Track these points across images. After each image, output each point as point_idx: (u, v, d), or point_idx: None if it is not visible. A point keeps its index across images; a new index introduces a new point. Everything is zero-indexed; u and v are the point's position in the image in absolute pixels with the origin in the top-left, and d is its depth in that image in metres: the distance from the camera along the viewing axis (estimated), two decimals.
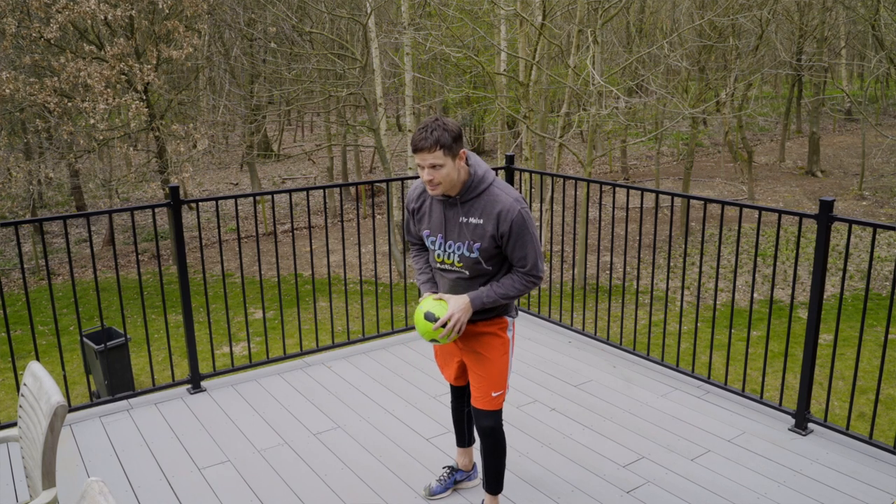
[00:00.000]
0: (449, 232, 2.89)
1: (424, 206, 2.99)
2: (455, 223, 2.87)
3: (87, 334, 8.62)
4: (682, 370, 4.70)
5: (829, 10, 23.02)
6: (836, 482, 3.51)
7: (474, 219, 2.83)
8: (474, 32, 15.34)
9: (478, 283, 2.92)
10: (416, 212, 3.02)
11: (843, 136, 31.90)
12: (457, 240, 2.87)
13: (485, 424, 3.06)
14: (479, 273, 2.91)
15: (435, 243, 2.94)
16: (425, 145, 2.72)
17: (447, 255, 2.92)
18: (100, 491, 1.80)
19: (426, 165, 2.75)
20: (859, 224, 3.70)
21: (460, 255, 2.88)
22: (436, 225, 2.93)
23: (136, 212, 7.50)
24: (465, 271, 2.90)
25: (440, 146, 2.72)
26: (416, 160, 2.78)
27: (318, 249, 17.76)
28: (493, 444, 3.11)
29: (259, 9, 18.19)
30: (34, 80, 13.74)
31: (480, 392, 3.03)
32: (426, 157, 2.73)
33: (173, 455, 3.82)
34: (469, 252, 2.86)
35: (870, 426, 3.92)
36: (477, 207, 2.84)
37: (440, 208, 2.91)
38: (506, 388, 3.08)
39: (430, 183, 2.78)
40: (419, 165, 2.78)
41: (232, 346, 6.33)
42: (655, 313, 13.21)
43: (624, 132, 22.86)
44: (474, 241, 2.84)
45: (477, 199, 2.84)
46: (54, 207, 22.68)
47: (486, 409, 3.04)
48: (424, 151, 2.73)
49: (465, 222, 2.85)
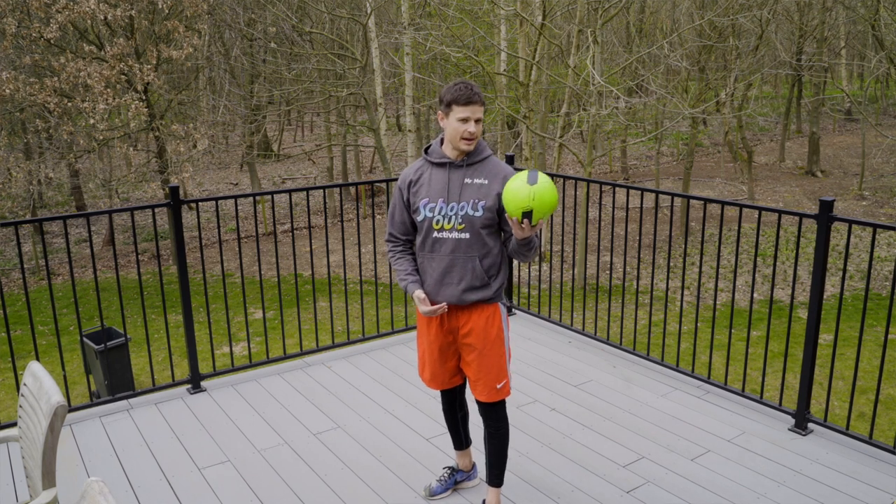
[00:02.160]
0: (451, 194, 2.96)
1: (423, 177, 3.04)
2: (459, 184, 2.96)
3: (87, 334, 8.61)
4: (682, 370, 4.69)
5: (829, 10, 23.02)
6: (836, 482, 3.51)
7: (479, 179, 2.96)
8: (474, 32, 15.34)
9: (475, 250, 2.96)
10: (413, 184, 3.04)
11: (843, 136, 31.90)
12: (460, 200, 2.94)
13: (490, 412, 3.12)
14: (478, 239, 2.95)
15: (434, 209, 2.97)
16: (479, 99, 2.87)
17: (447, 219, 2.95)
18: (100, 491, 1.80)
19: (473, 118, 2.88)
20: (859, 224, 3.70)
21: (464, 216, 2.93)
22: (437, 190, 2.98)
23: (136, 212, 7.50)
24: (466, 234, 2.94)
25: (482, 103, 2.90)
26: (464, 113, 2.87)
27: (318, 249, 17.76)
28: (496, 427, 3.15)
29: (259, 9, 18.19)
30: (34, 80, 13.73)
31: (485, 386, 3.06)
32: (477, 110, 2.87)
33: (173, 455, 3.82)
34: (474, 211, 2.93)
35: (870, 426, 3.92)
36: (481, 170, 2.98)
37: (442, 174, 2.99)
38: (508, 377, 3.12)
39: (472, 136, 2.89)
40: (463, 119, 2.87)
41: (232, 346, 6.33)
42: (655, 313, 13.21)
43: (624, 132, 22.86)
44: (479, 199, 2.93)
45: (481, 163, 3.00)
46: (54, 207, 22.68)
47: (493, 400, 3.09)
48: (476, 104, 2.87)
49: (469, 183, 2.96)
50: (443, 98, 2.92)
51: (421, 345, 3.24)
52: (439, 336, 3.11)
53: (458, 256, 2.96)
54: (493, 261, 3.01)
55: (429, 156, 3.06)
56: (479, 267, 2.97)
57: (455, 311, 3.06)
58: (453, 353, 3.15)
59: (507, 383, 3.10)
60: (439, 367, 3.17)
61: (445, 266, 2.99)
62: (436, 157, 3.03)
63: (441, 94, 2.94)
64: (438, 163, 3.01)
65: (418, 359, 3.28)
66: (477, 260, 2.96)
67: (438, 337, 3.12)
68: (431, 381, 3.23)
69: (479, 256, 2.96)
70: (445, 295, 3.01)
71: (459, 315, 3.05)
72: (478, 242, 2.95)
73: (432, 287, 3.04)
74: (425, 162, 3.07)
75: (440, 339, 3.12)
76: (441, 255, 2.99)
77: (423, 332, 3.20)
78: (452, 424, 3.41)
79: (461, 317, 3.05)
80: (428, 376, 3.23)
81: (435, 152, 3.04)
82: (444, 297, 3.02)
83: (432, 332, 3.12)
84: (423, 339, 3.21)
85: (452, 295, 3.00)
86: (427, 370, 3.22)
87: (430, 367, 3.20)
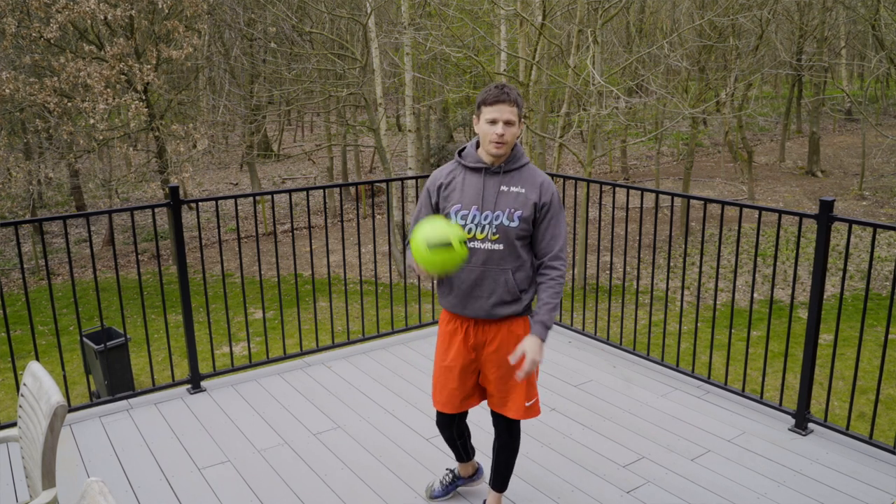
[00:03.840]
0: (486, 202, 2.78)
1: (455, 181, 2.86)
2: (494, 192, 2.79)
3: (86, 334, 8.61)
4: (682, 370, 4.69)
5: (829, 10, 23.02)
6: (836, 482, 3.51)
7: (516, 188, 2.79)
8: (474, 32, 15.33)
9: (509, 262, 2.79)
10: (444, 188, 2.87)
11: (843, 136, 31.90)
12: (495, 209, 2.77)
13: (509, 427, 3.02)
14: (512, 251, 2.79)
15: (467, 217, 2.79)
16: (507, 98, 2.70)
17: (480, 229, 2.77)
18: (100, 491, 1.80)
19: (502, 120, 2.71)
20: (859, 224, 3.70)
21: (498, 225, 2.77)
22: (470, 197, 2.80)
23: (135, 212, 7.49)
24: (500, 244, 2.77)
25: (517, 104, 2.73)
26: (492, 114, 2.71)
27: (318, 249, 17.76)
28: (509, 442, 3.07)
29: (259, 9, 18.19)
30: (34, 80, 13.73)
31: (514, 404, 2.92)
32: (505, 110, 2.70)
33: (173, 455, 3.82)
34: (509, 221, 2.77)
35: (870, 426, 3.92)
36: (518, 179, 2.81)
37: (477, 180, 2.82)
38: (538, 395, 3.01)
39: (501, 139, 2.72)
40: (492, 120, 2.72)
41: (232, 346, 6.33)
42: (655, 313, 13.21)
43: (624, 132, 22.86)
44: (516, 208, 2.77)
45: (518, 171, 2.83)
46: (54, 207, 22.67)
47: (525, 418, 2.96)
48: (505, 104, 2.70)
49: (506, 191, 2.79)
50: (476, 100, 2.80)
51: (439, 364, 3.00)
52: (462, 353, 2.92)
53: (489, 268, 2.78)
54: (526, 274, 2.83)
55: (462, 159, 2.88)
56: (511, 280, 2.79)
57: (483, 326, 2.88)
58: (473, 371, 2.96)
59: (538, 401, 2.98)
60: (457, 387, 2.96)
61: (476, 278, 2.81)
62: (470, 160, 2.85)
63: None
64: (473, 167, 2.84)
65: (433, 380, 3.06)
66: (510, 273, 2.79)
67: (461, 354, 2.92)
68: (447, 405, 3.01)
69: (512, 269, 2.79)
70: (474, 309, 2.83)
71: (487, 329, 2.88)
72: (511, 254, 2.78)
73: (460, 299, 2.85)
74: (458, 165, 2.89)
75: (463, 356, 2.92)
76: (471, 266, 2.80)
77: (443, 349, 2.98)
78: (452, 444, 3.25)
79: (489, 331, 2.88)
80: (444, 399, 3.00)
81: (469, 156, 2.86)
82: (472, 310, 2.84)
83: (455, 349, 2.93)
84: (442, 356, 2.98)
85: (482, 308, 2.82)
86: (444, 392, 2.99)
87: (447, 388, 2.97)
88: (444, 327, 2.98)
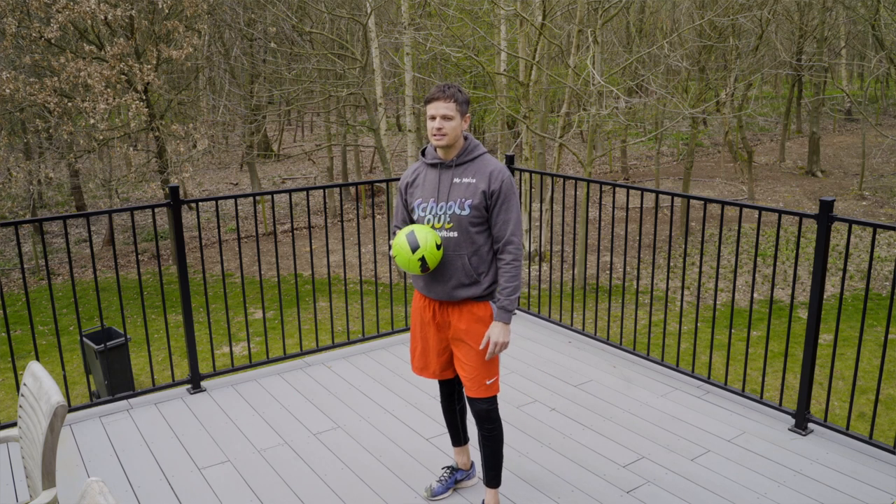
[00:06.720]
0: (441, 194, 3.06)
1: (419, 178, 3.16)
2: (448, 184, 3.07)
3: (87, 334, 8.61)
4: (681, 370, 4.69)
5: (829, 10, 23.02)
6: (836, 482, 3.51)
7: (468, 178, 3.05)
8: (474, 32, 15.33)
9: (464, 248, 3.02)
10: (411, 185, 3.18)
11: (843, 136, 31.90)
12: (448, 199, 3.04)
13: (481, 408, 3.16)
14: (466, 238, 3.03)
15: (426, 209, 3.08)
16: (441, 95, 2.98)
17: (437, 218, 3.05)
18: (100, 491, 1.80)
19: (438, 115, 2.97)
20: (859, 224, 3.70)
21: (451, 214, 3.03)
22: (429, 190, 3.10)
23: (135, 212, 7.50)
24: (455, 232, 3.03)
25: (454, 100, 2.98)
26: (431, 111, 2.99)
27: (318, 249, 17.76)
28: (490, 429, 3.19)
29: (259, 9, 18.18)
30: (34, 80, 13.73)
31: (475, 382, 3.12)
32: (440, 106, 2.96)
33: (173, 455, 3.82)
34: (460, 210, 3.02)
35: (870, 426, 3.92)
36: (470, 169, 3.07)
37: (434, 174, 3.11)
38: (498, 374, 3.18)
39: (439, 132, 2.98)
40: (431, 116, 2.99)
41: (232, 346, 6.33)
42: (655, 313, 13.21)
43: (624, 132, 22.86)
44: (466, 198, 3.02)
45: (471, 162, 3.09)
46: (54, 207, 22.67)
47: (483, 396, 3.14)
48: (440, 100, 2.97)
49: (458, 182, 3.06)
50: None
51: (414, 335, 3.31)
52: (431, 325, 3.19)
53: (447, 255, 3.04)
54: (482, 258, 3.06)
55: (424, 157, 3.19)
56: (468, 265, 3.04)
57: (446, 307, 3.14)
58: (445, 348, 3.22)
59: (497, 381, 3.17)
60: (431, 357, 3.25)
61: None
62: (429, 158, 3.15)
63: None
64: (431, 163, 3.14)
65: (410, 349, 3.35)
66: (466, 258, 3.03)
67: (430, 327, 3.19)
68: (422, 371, 3.30)
69: (467, 255, 3.03)
70: (437, 291, 3.09)
71: (451, 311, 3.13)
72: (466, 241, 3.03)
73: (425, 282, 3.12)
74: (422, 163, 3.20)
75: (432, 330, 3.19)
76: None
77: (415, 323, 3.28)
78: (451, 418, 3.45)
79: (452, 312, 3.13)
80: (419, 365, 3.30)
81: (429, 154, 3.17)
82: (435, 293, 3.10)
83: (424, 323, 3.21)
84: (415, 329, 3.29)
85: (443, 291, 3.08)
86: (417, 359, 3.30)
87: (420, 356, 3.28)
88: (416, 304, 3.29)
